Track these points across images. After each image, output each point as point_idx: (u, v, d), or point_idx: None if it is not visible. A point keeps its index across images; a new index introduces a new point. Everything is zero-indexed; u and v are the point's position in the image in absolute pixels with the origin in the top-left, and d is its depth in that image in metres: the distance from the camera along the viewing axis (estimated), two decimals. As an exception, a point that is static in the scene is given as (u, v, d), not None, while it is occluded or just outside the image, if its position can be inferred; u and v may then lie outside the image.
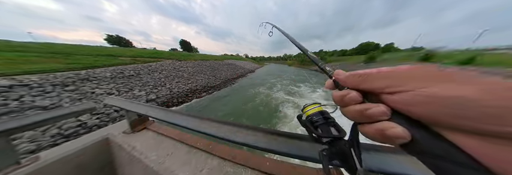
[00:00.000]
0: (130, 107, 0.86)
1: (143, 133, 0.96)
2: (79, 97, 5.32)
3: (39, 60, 7.58)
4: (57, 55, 9.10)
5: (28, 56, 7.76)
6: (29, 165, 0.73)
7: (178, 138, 0.85)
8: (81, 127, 3.95)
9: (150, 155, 0.74)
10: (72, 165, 0.82)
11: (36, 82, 5.31)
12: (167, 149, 0.78)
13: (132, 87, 7.26)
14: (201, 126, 0.54)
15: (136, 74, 9.08)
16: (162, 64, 13.18)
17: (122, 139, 0.91)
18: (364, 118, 0.16)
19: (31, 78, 5.50)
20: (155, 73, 10.32)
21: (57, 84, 5.60)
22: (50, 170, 0.75)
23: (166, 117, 0.66)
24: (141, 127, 1.00)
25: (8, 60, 6.71)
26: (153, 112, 0.74)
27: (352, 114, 0.17)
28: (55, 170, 0.76)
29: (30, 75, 5.74)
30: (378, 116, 0.15)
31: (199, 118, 0.57)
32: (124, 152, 0.85)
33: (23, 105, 4.20)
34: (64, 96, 5.10)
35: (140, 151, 0.78)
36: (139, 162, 0.74)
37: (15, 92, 4.62)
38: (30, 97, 4.60)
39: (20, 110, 4.05)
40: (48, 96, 4.88)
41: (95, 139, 0.93)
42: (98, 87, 6.38)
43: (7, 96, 4.38)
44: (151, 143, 0.85)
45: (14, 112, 3.95)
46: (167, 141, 0.85)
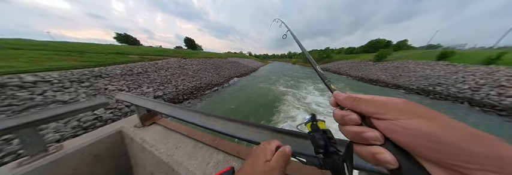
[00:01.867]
0: (139, 102, 0.91)
1: (152, 127, 1.02)
2: (94, 93, 5.71)
3: (58, 58, 8.14)
4: (72, 53, 9.69)
5: (48, 54, 8.35)
6: (54, 152, 0.81)
7: (186, 133, 0.89)
8: (97, 120, 4.28)
9: (160, 147, 0.79)
10: (91, 153, 0.90)
11: (56, 78, 5.75)
12: (175, 143, 0.83)
13: (140, 84, 7.61)
14: (207, 122, 0.56)
15: (144, 71, 9.45)
16: (167, 62, 13.54)
17: (133, 132, 0.97)
18: (360, 139, 0.17)
19: (52, 74, 5.96)
20: (161, 70, 10.66)
21: (74, 81, 6.03)
22: (72, 158, 0.83)
23: (173, 112, 0.69)
24: (150, 122, 1.06)
25: (32, 58, 7.29)
26: (161, 107, 0.78)
27: (350, 134, 0.18)
28: (77, 158, 0.85)
29: (51, 72, 6.22)
30: (372, 140, 0.16)
31: (205, 115, 0.59)
32: (136, 144, 0.91)
33: (46, 99, 4.61)
34: (81, 92, 5.50)
35: (151, 143, 0.84)
36: (150, 153, 0.80)
37: (39, 87, 5.06)
38: (52, 92, 5.02)
39: (44, 104, 4.46)
40: (67, 92, 5.29)
41: (109, 131, 1.00)
42: (110, 83, 6.77)
43: (33, 91, 4.82)
44: (160, 137, 0.90)
45: (39, 105, 4.35)
46: (175, 136, 0.90)
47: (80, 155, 0.86)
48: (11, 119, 0.72)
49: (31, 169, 0.71)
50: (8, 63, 6.15)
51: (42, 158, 0.77)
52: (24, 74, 5.54)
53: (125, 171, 1.04)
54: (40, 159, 0.76)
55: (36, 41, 12.46)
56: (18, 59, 6.77)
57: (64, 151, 0.82)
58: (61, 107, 0.86)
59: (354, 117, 0.18)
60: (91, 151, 0.90)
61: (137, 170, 1.01)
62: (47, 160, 0.76)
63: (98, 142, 0.93)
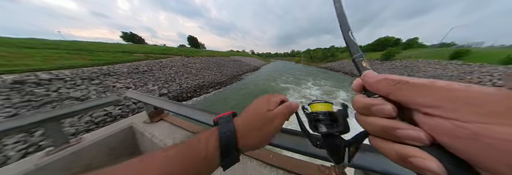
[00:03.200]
0: (147, 100, 0.98)
1: (160, 124, 1.09)
2: (103, 90, 5.99)
3: (69, 57, 8.52)
4: (82, 52, 10.09)
5: (60, 53, 8.76)
6: (75, 144, 0.91)
7: (191, 129, 0.96)
8: (107, 116, 4.53)
9: (168, 142, 0.86)
10: (107, 146, 0.99)
11: (69, 76, 6.07)
12: (181, 138, 0.90)
13: (146, 82, 7.86)
14: (211, 119, 0.61)
15: (149, 69, 9.71)
16: (171, 60, 13.78)
17: (143, 127, 1.06)
18: (387, 135, 0.13)
19: (64, 72, 6.29)
20: (166, 69, 10.90)
21: (85, 78, 6.34)
22: (91, 149, 0.93)
23: (179, 110, 0.75)
24: (158, 118, 1.13)
25: (45, 56, 7.68)
26: (168, 105, 0.84)
27: (373, 128, 0.14)
28: (95, 149, 0.94)
29: (64, 70, 6.56)
30: (409, 141, 0.12)
31: (208, 112, 0.64)
32: (146, 138, 0.99)
33: (61, 96, 4.91)
34: (91, 89, 5.79)
35: (159, 138, 0.91)
36: (158, 147, 0.87)
37: (54, 85, 5.37)
38: (65, 89, 5.32)
39: (59, 100, 4.76)
40: (79, 89, 5.59)
41: (122, 126, 1.09)
42: (118, 81, 7.05)
43: (48, 87, 5.14)
44: (167, 132, 0.98)
45: (55, 101, 4.66)
46: (181, 131, 0.97)
47: (98, 147, 0.95)
48: (40, 114, 0.81)
49: (56, 158, 0.81)
50: (25, 62, 6.54)
51: (65, 149, 0.86)
52: (40, 72, 5.89)
53: (136, 163, 1.14)
54: (63, 150, 0.86)
55: (48, 40, 13.02)
56: (33, 58, 7.17)
57: (84, 143, 0.91)
58: (81, 103, 0.95)
59: (388, 108, 0.13)
60: (107, 143, 0.99)
61: (147, 162, 1.11)
62: (69, 151, 0.86)
63: (113, 136, 1.02)
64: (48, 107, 4.37)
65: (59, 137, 0.88)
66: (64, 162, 0.82)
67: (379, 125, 0.13)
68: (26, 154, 2.94)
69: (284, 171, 0.61)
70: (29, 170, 0.71)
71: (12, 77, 5.06)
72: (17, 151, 2.93)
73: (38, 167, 0.74)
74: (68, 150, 0.86)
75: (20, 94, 4.51)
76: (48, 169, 0.76)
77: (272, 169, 0.63)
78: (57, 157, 0.81)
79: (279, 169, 0.62)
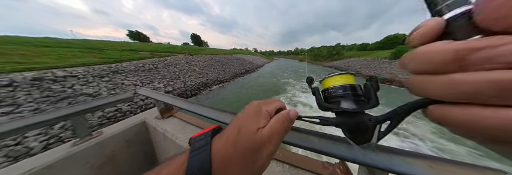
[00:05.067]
0: (158, 97, 1.05)
1: (171, 119, 1.17)
2: (113, 87, 6.29)
3: (81, 55, 8.95)
4: (92, 50, 10.53)
5: (73, 51, 9.21)
6: (97, 136, 1.01)
7: (199, 125, 1.02)
8: (117, 111, 4.80)
9: (179, 137, 0.94)
10: (123, 139, 1.09)
11: (81, 73, 6.41)
12: (191, 133, 0.97)
13: (152, 79, 8.13)
14: (220, 116, 0.66)
15: (154, 67, 9.99)
16: (176, 58, 14.05)
17: (155, 123, 1.14)
18: (502, 98, 0.08)
19: (77, 70, 6.65)
20: (170, 67, 11.16)
21: (96, 76, 6.67)
22: (110, 141, 1.02)
23: (190, 107, 0.80)
24: (168, 115, 1.21)
25: (60, 55, 8.12)
26: (178, 102, 0.90)
27: (472, 88, 0.09)
28: (114, 142, 1.04)
29: (76, 68, 6.93)
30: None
31: (218, 110, 0.69)
32: (158, 132, 1.08)
33: (75, 92, 5.24)
34: (102, 86, 6.10)
35: (171, 133, 0.99)
36: (171, 141, 0.95)
37: (68, 81, 5.72)
38: (79, 86, 5.65)
39: (74, 96, 5.08)
40: (91, 85, 5.91)
41: (135, 121, 1.18)
42: (126, 79, 7.35)
43: (64, 84, 5.48)
44: (178, 127, 1.05)
45: (70, 97, 4.98)
46: (190, 127, 1.04)
47: (116, 139, 1.05)
48: (66, 109, 0.90)
49: (82, 148, 0.91)
50: (43, 60, 6.96)
51: (89, 140, 0.96)
52: (56, 70, 6.27)
53: (150, 154, 1.24)
54: (87, 141, 0.96)
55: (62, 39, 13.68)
56: (49, 56, 7.60)
57: (104, 136, 1.01)
58: (100, 99, 1.04)
59: (507, 49, 0.08)
60: (123, 136, 1.09)
61: (159, 154, 1.20)
62: (93, 142, 0.96)
63: (128, 130, 1.12)
64: (65, 102, 4.69)
65: (83, 130, 0.98)
66: (89, 151, 0.92)
67: (492, 81, 0.08)
68: (48, 145, 3.23)
69: (289, 165, 0.65)
70: (62, 157, 0.82)
71: (32, 74, 5.44)
72: (39, 142, 3.22)
73: (69, 155, 0.84)
74: (91, 141, 0.96)
75: (39, 90, 4.86)
76: (76, 157, 0.86)
77: (278, 164, 0.66)
78: (82, 147, 0.91)
79: (285, 163, 0.66)
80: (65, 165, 0.82)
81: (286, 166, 0.65)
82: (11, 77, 4.96)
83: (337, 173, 0.59)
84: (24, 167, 0.73)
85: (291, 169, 0.64)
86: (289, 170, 0.63)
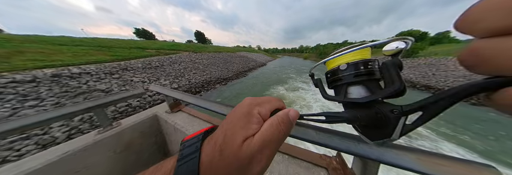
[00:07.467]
0: (168, 93, 1.14)
1: (179, 114, 1.27)
2: (123, 83, 6.64)
3: (93, 53, 9.41)
4: (103, 48, 11.01)
5: (86, 49, 9.69)
6: (116, 127, 1.13)
7: (207, 120, 1.11)
8: (128, 106, 5.11)
9: (189, 129, 1.03)
10: (138, 130, 1.21)
11: (94, 70, 6.80)
12: (200, 126, 1.06)
13: (158, 77, 8.44)
14: (226, 110, 0.72)
15: (160, 65, 10.30)
16: (180, 56, 14.31)
17: (166, 116, 1.25)
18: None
19: (90, 67, 7.05)
20: (175, 64, 11.44)
21: (107, 73, 7.04)
22: (128, 132, 1.14)
23: (197, 102, 0.88)
24: (177, 109, 1.31)
25: (74, 52, 8.60)
26: (186, 98, 0.97)
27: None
28: (130, 133, 1.16)
29: (89, 65, 7.34)
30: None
31: (225, 105, 0.76)
32: (169, 125, 1.18)
33: (90, 88, 5.61)
34: (113, 82, 6.46)
35: (181, 125, 1.09)
36: (181, 132, 1.05)
37: (83, 78, 6.12)
38: (92, 82, 6.04)
39: (89, 91, 5.45)
40: (103, 82, 6.28)
41: (148, 115, 1.30)
42: (134, 76, 7.70)
43: (79, 80, 5.88)
44: (187, 121, 1.15)
45: (86, 92, 5.36)
46: (198, 121, 1.13)
47: (132, 130, 1.17)
48: (90, 102, 1.02)
49: (105, 137, 1.03)
50: (59, 57, 7.44)
51: (110, 130, 1.09)
52: (72, 67, 6.70)
53: (162, 145, 1.37)
54: (109, 131, 1.08)
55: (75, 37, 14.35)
56: (65, 54, 8.09)
57: (122, 126, 1.13)
58: (116, 94, 1.15)
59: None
60: (138, 128, 1.21)
61: (171, 144, 1.33)
62: (114, 131, 1.08)
63: (142, 122, 1.23)
64: (81, 97, 5.06)
65: (105, 120, 1.10)
66: (111, 139, 1.05)
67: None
68: (70, 135, 3.57)
69: (289, 156, 0.71)
70: (92, 142, 0.95)
71: (51, 70, 5.87)
72: (62, 133, 3.57)
73: (95, 141, 0.96)
74: (113, 130, 1.08)
75: (58, 85, 5.27)
76: (102, 143, 0.99)
77: (278, 154, 0.72)
78: (105, 136, 1.03)
79: (284, 154, 0.72)
80: (94, 149, 0.95)
81: (285, 157, 0.71)
82: (33, 73, 5.39)
83: (333, 164, 0.64)
84: (63, 150, 0.87)
85: (290, 159, 0.70)
86: (289, 160, 0.69)
